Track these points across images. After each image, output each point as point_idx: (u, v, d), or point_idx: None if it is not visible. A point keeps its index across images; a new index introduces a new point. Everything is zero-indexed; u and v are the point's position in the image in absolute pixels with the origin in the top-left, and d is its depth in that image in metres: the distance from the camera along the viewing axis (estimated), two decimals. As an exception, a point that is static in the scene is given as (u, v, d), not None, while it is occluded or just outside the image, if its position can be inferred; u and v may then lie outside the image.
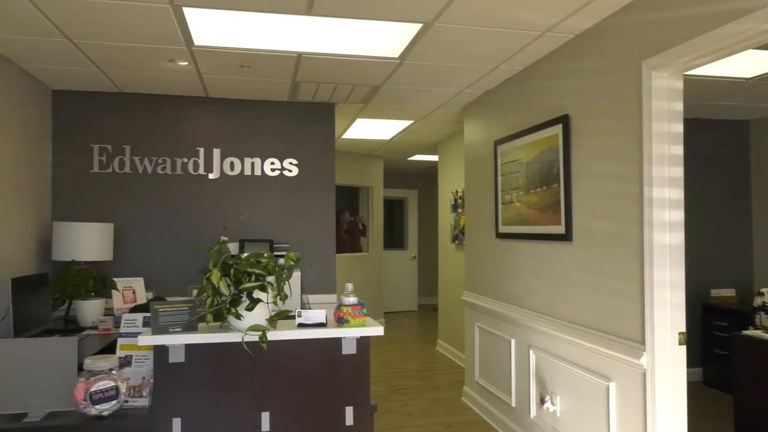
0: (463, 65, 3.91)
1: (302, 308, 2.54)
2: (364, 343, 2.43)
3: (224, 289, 2.23)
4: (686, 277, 2.70)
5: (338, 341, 2.40)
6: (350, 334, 2.39)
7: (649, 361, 2.67)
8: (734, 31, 2.24)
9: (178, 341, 2.24)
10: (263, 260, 2.30)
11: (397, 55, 3.69)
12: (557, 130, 3.48)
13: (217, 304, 2.25)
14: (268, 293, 2.29)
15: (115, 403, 2.17)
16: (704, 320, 5.60)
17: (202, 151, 4.82)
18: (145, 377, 2.34)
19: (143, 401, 2.30)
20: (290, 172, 4.99)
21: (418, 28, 3.22)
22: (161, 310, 2.24)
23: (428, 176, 10.83)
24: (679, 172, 2.68)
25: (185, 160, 4.79)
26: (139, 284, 4.20)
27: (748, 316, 4.96)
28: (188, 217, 4.78)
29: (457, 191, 6.70)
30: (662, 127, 2.67)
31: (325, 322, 2.42)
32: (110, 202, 4.64)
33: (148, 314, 2.37)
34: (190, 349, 2.27)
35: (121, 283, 4.09)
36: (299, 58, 3.76)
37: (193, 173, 4.80)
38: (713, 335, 5.48)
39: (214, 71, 4.07)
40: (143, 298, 4.15)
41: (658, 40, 2.65)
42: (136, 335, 2.31)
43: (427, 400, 5.15)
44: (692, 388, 5.24)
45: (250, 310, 2.25)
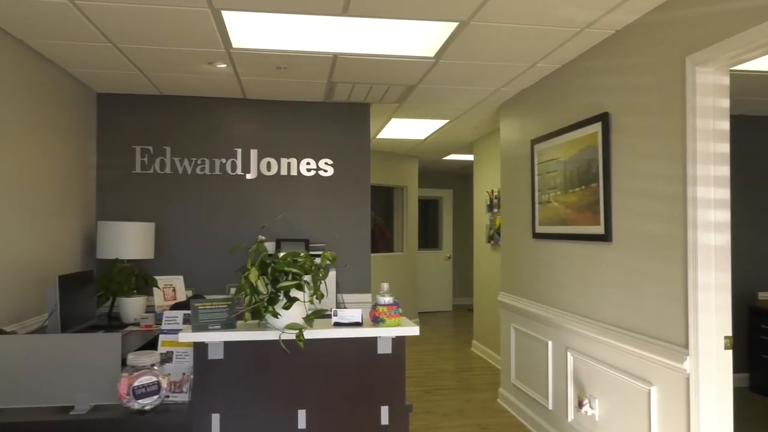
0: (499, 63, 3.87)
1: (337, 307, 2.56)
2: (399, 342, 2.43)
3: (262, 287, 2.26)
4: (732, 279, 2.62)
5: (374, 341, 2.41)
6: (386, 333, 2.39)
7: (692, 365, 2.59)
8: (785, 23, 2.15)
9: (217, 338, 2.28)
10: (300, 259, 2.32)
11: (432, 54, 3.68)
12: (596, 128, 3.41)
13: (254, 302, 2.28)
14: (304, 292, 2.31)
15: (156, 398, 2.23)
16: (751, 324, 5.41)
17: (239, 151, 4.90)
18: (185, 373, 2.40)
19: (183, 397, 2.35)
20: (326, 172, 5.02)
21: (453, 26, 3.20)
22: (201, 307, 2.29)
23: (463, 176, 10.76)
24: (725, 170, 2.59)
25: (223, 160, 4.87)
26: (178, 282, 4.30)
27: (798, 320, 4.77)
28: (226, 216, 4.87)
29: (492, 191, 6.64)
30: (707, 124, 2.58)
31: (360, 321, 2.43)
32: (151, 201, 4.77)
33: (188, 312, 2.42)
34: (228, 346, 2.31)
35: (161, 281, 4.19)
36: (335, 58, 3.78)
37: (230, 173, 4.88)
38: (760, 339, 5.28)
39: (251, 73, 4.14)
40: (183, 295, 4.25)
41: (702, 34, 2.57)
42: (176, 332, 2.37)
43: (462, 401, 5.12)
44: (738, 393, 5.07)
45: (287, 308, 2.28)
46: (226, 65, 3.93)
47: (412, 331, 2.41)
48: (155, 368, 2.26)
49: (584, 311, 3.57)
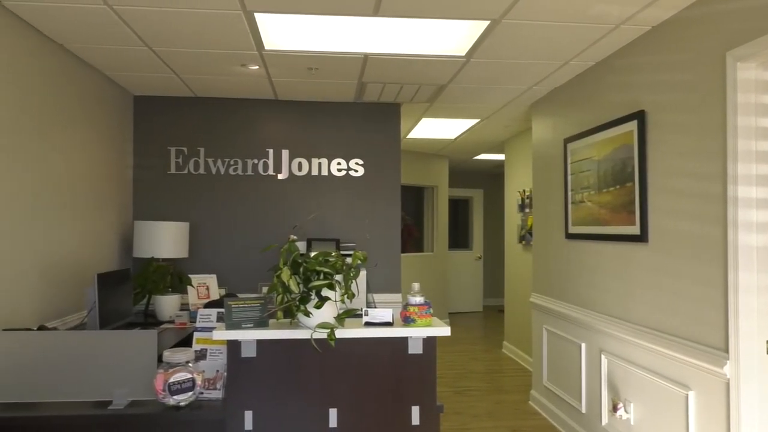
0: (531, 62, 3.82)
1: (367, 307, 2.57)
2: (430, 343, 2.42)
3: (294, 286, 2.28)
4: (775, 281, 2.53)
5: (405, 341, 2.41)
6: (417, 333, 2.39)
7: (733, 370, 2.51)
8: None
9: (250, 337, 2.31)
10: (331, 259, 2.34)
11: (463, 53, 3.65)
12: (632, 126, 3.34)
13: (286, 301, 2.30)
14: (336, 291, 2.33)
15: (191, 394, 2.27)
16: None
17: (271, 152, 4.96)
18: (218, 370, 2.44)
19: (217, 393, 2.39)
20: (356, 172, 5.04)
21: (485, 25, 3.17)
22: (234, 306, 2.32)
23: (494, 175, 10.67)
24: None
25: (255, 161, 4.94)
26: (212, 281, 4.37)
27: None
28: (258, 216, 4.93)
29: (524, 190, 6.57)
30: (749, 121, 2.50)
31: (391, 321, 2.43)
32: (186, 201, 4.86)
33: (221, 310, 2.46)
34: (261, 344, 2.34)
35: (195, 279, 4.27)
36: (366, 59, 3.79)
37: (262, 174, 4.94)
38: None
39: (283, 74, 4.18)
40: (216, 294, 4.32)
41: (743, 29, 2.49)
42: (210, 330, 2.41)
43: (492, 402, 5.08)
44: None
45: (318, 307, 2.29)
46: (258, 67, 3.98)
47: (443, 331, 2.40)
48: (190, 365, 2.30)
49: (619, 313, 3.50)
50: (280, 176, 4.97)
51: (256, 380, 2.34)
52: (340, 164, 5.03)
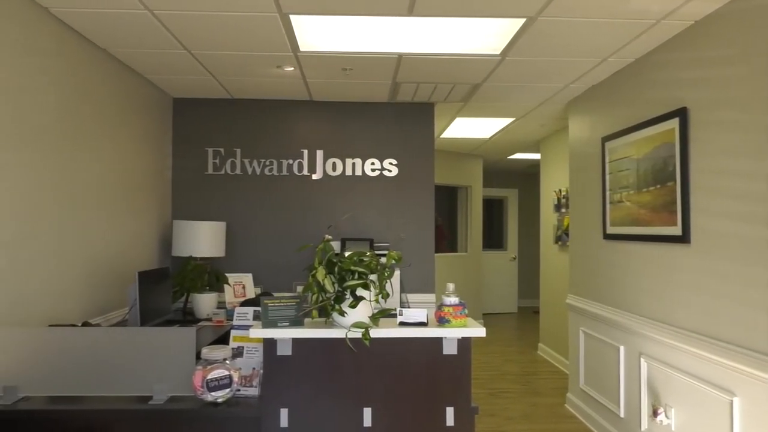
0: (568, 59, 3.76)
1: (401, 307, 2.56)
2: (465, 344, 2.40)
3: (329, 286, 2.29)
4: (827, 284, 2.43)
5: (439, 341, 2.40)
6: (451, 334, 2.37)
7: (781, 376, 2.42)
8: None
9: (285, 335, 2.33)
10: (366, 259, 2.34)
11: (498, 51, 3.62)
12: (673, 124, 3.25)
13: (321, 300, 2.32)
14: (370, 291, 2.33)
15: (228, 391, 2.30)
16: None
17: (306, 152, 5.00)
18: (255, 368, 2.47)
19: (253, 391, 2.42)
20: (390, 172, 5.05)
21: (521, 23, 3.13)
22: (270, 304, 2.35)
23: (529, 175, 10.52)
24: (818, 167, 2.41)
25: (290, 161, 4.99)
26: (248, 279, 4.43)
27: None
28: (293, 216, 4.98)
29: (560, 190, 6.46)
30: (798, 118, 2.41)
31: (426, 321, 2.42)
32: (222, 201, 4.94)
33: (258, 308, 2.49)
34: (297, 342, 2.36)
35: (232, 278, 4.33)
36: (400, 59, 3.79)
37: (297, 174, 4.99)
38: None
39: (317, 75, 4.21)
40: (252, 292, 4.37)
41: (793, 22, 2.40)
42: (247, 328, 2.44)
43: (528, 405, 5.01)
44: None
45: (353, 307, 2.30)
46: (293, 68, 4.02)
47: (478, 332, 2.38)
48: (227, 362, 2.33)
49: (659, 316, 3.41)
50: (314, 176, 5.01)
51: (291, 378, 2.36)
52: (374, 164, 5.04)
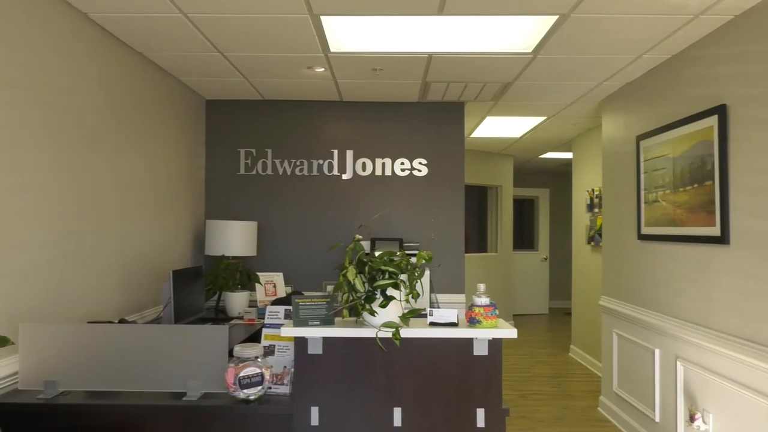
0: (601, 56, 3.69)
1: (431, 307, 2.56)
2: (496, 345, 2.38)
3: (359, 285, 2.30)
4: None
5: (470, 342, 2.38)
6: (482, 335, 2.36)
7: (826, 382, 2.33)
8: None
9: (316, 334, 2.35)
10: (396, 258, 2.34)
11: (530, 49, 3.58)
12: (712, 121, 3.16)
13: (352, 299, 2.33)
14: (400, 291, 2.33)
15: (260, 388, 2.33)
16: None
17: (336, 152, 5.03)
18: (286, 366, 2.49)
19: (285, 389, 2.44)
20: (420, 172, 5.04)
21: (553, 20, 3.09)
22: (302, 303, 2.37)
23: (561, 174, 10.38)
24: None
25: (320, 161, 5.02)
26: (279, 279, 4.48)
27: None
28: (323, 215, 5.01)
29: (593, 190, 6.36)
30: None
31: (456, 321, 2.41)
32: (254, 201, 5.00)
33: (289, 307, 2.51)
34: (327, 341, 2.38)
35: (263, 277, 4.39)
36: (430, 58, 3.78)
37: (327, 174, 5.02)
38: None
39: (347, 75, 4.23)
40: (282, 291, 4.42)
41: (840, 15, 2.31)
42: (278, 326, 2.46)
43: (559, 407, 4.95)
44: None
45: (383, 306, 2.30)
46: (324, 69, 4.04)
47: (509, 333, 2.36)
48: (259, 360, 2.36)
49: (696, 318, 3.33)
50: (344, 176, 5.03)
51: (322, 377, 2.38)
52: (403, 164, 5.03)
